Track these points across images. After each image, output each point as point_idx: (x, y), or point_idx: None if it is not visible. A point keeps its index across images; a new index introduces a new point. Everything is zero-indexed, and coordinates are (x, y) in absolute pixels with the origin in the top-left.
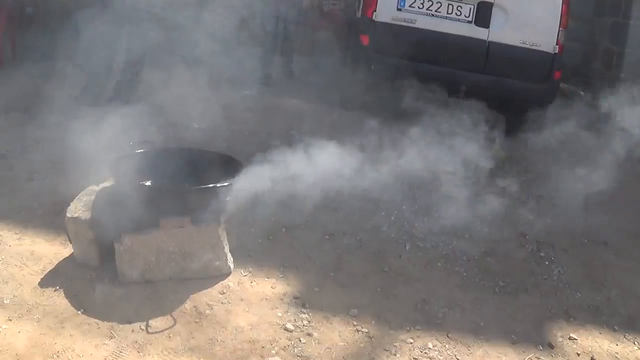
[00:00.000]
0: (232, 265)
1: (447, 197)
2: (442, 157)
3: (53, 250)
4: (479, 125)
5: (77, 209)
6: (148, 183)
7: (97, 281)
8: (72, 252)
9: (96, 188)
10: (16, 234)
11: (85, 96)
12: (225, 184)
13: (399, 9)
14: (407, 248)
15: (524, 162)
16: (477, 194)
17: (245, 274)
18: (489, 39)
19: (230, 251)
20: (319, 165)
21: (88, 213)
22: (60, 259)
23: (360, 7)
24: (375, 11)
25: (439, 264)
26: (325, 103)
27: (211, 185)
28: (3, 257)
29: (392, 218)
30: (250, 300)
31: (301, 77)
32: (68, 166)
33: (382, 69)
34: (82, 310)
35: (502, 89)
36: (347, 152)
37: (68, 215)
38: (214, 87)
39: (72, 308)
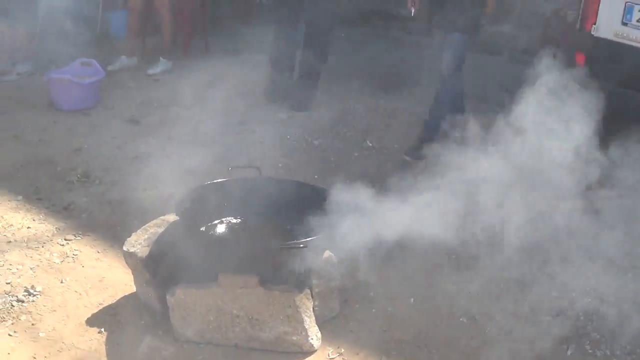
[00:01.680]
0: (317, 342)
1: None
2: None
3: (125, 281)
4: None
5: (138, 241)
6: (217, 222)
7: (149, 331)
8: None
9: (170, 219)
10: (98, 252)
11: (268, 93)
12: (313, 238)
13: (624, 23)
14: None
15: None
16: None
17: (334, 356)
18: None
19: (317, 322)
20: None
21: (147, 249)
22: (127, 293)
23: (579, 16)
24: (595, 24)
25: None
26: None
27: (287, 243)
28: (68, 278)
29: None
30: None
31: None
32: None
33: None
34: None
35: None
36: None
37: (125, 248)
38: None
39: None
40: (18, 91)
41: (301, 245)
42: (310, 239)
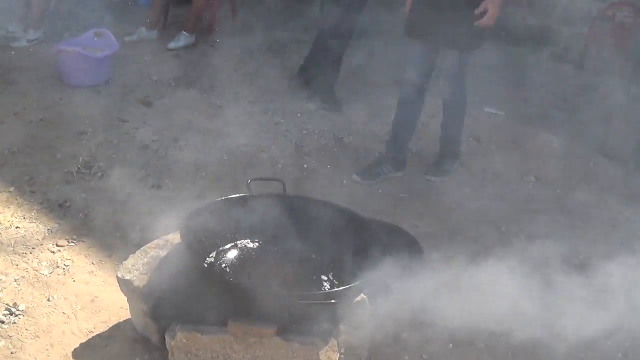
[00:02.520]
0: None
1: None
2: None
3: (120, 302)
4: None
5: (135, 266)
6: (230, 246)
7: None
8: None
9: (175, 239)
10: (92, 264)
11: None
12: (347, 287)
13: None
14: None
15: None
16: None
17: None
18: None
19: None
20: None
21: (145, 278)
22: (122, 319)
23: None
24: None
25: None
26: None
27: (314, 294)
28: (56, 296)
29: None
30: None
31: None
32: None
33: None
34: None
35: None
36: None
37: (119, 274)
38: None
39: None
40: (27, 60)
41: (331, 301)
42: (343, 288)
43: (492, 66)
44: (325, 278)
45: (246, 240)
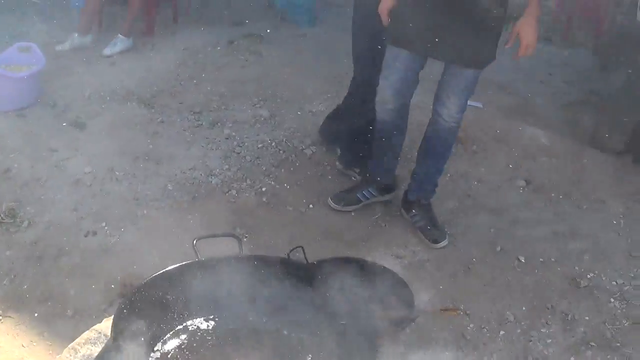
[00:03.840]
0: None
1: None
2: None
3: None
4: None
5: None
6: (180, 329)
7: None
8: None
9: (109, 331)
10: (23, 346)
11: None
12: None
13: None
14: None
15: None
16: None
17: None
18: None
19: None
20: None
21: None
22: None
23: None
24: None
25: None
26: None
27: None
28: None
29: None
30: None
31: None
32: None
33: None
34: None
35: None
36: None
37: None
38: None
39: None
40: None
41: None
42: None
43: None
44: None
45: (198, 320)
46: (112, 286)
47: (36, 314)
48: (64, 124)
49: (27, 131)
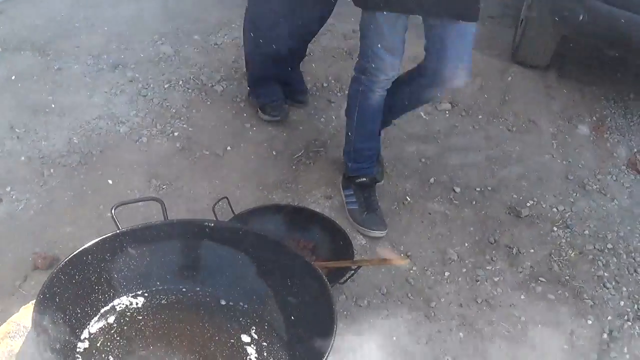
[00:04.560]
0: None
1: None
2: None
3: None
4: None
5: None
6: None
7: None
8: None
9: (28, 322)
10: None
11: None
12: None
13: None
14: None
15: None
16: None
17: None
18: None
19: None
20: None
21: None
22: None
23: None
24: None
25: None
26: None
27: None
28: None
29: None
30: None
31: None
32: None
33: None
34: None
35: None
36: None
37: None
38: None
39: None
40: None
41: None
42: None
43: None
44: (248, 339)
45: (126, 298)
46: (26, 259)
47: None
48: None
49: None
